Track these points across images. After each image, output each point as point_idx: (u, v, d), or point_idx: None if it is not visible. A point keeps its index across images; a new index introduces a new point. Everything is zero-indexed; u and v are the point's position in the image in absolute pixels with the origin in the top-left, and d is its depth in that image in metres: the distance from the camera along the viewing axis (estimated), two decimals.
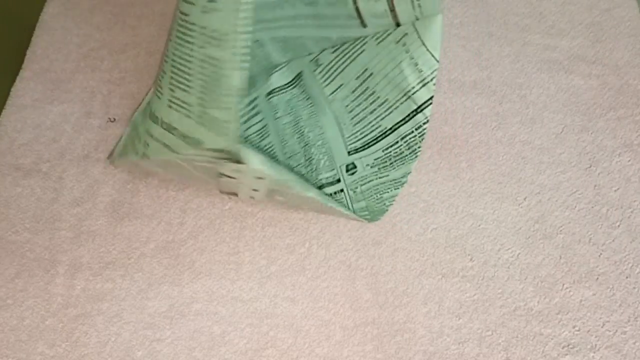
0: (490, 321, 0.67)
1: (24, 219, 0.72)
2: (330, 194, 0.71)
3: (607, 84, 0.85)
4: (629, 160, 0.78)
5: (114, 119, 0.80)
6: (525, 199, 0.75)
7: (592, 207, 0.75)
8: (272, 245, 0.71)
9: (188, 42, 0.54)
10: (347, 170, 0.71)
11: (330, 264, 0.70)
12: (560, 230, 0.73)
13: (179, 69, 0.55)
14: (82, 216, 0.73)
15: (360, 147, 0.70)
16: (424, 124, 0.64)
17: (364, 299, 0.68)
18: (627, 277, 0.70)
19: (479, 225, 0.73)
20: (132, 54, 0.86)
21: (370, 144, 0.69)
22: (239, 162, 0.54)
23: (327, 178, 0.71)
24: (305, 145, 0.72)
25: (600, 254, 0.71)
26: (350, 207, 0.71)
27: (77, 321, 0.66)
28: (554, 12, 0.92)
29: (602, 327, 0.67)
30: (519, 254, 0.71)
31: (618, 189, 0.76)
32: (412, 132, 0.66)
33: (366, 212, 0.71)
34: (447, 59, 0.86)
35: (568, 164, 0.78)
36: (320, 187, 0.71)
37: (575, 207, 0.75)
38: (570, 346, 0.66)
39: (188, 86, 0.55)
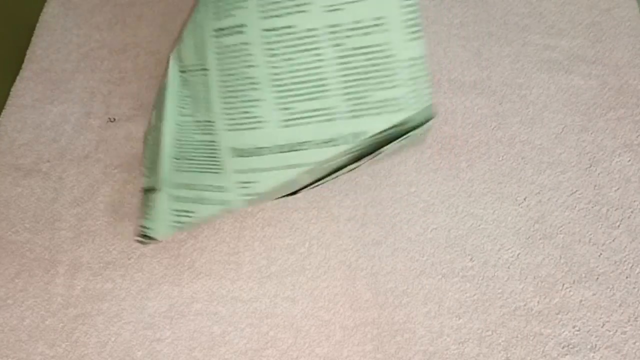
0: (490, 321, 0.67)
1: (24, 219, 0.72)
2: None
3: (607, 84, 0.85)
4: (629, 160, 0.78)
5: (114, 119, 0.80)
6: (525, 199, 0.75)
7: (592, 207, 0.74)
8: (272, 245, 0.71)
9: (307, 50, 0.54)
10: None
11: (330, 264, 0.70)
12: (560, 230, 0.73)
13: (298, 82, 0.55)
14: (82, 216, 0.73)
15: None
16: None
17: (364, 299, 0.68)
18: (627, 277, 0.70)
19: (479, 225, 0.73)
20: (132, 54, 0.86)
21: None
22: (423, 123, 0.55)
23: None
24: None
25: (600, 254, 0.71)
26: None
27: (77, 321, 0.66)
28: (554, 12, 0.92)
29: (602, 327, 0.67)
30: (519, 254, 0.71)
31: (618, 189, 0.76)
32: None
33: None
34: (447, 59, 0.86)
35: (568, 164, 0.78)
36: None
37: (575, 207, 0.75)
38: (570, 346, 0.66)
39: (322, 91, 0.54)
